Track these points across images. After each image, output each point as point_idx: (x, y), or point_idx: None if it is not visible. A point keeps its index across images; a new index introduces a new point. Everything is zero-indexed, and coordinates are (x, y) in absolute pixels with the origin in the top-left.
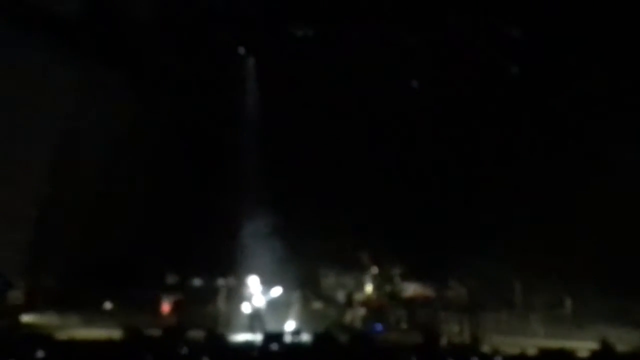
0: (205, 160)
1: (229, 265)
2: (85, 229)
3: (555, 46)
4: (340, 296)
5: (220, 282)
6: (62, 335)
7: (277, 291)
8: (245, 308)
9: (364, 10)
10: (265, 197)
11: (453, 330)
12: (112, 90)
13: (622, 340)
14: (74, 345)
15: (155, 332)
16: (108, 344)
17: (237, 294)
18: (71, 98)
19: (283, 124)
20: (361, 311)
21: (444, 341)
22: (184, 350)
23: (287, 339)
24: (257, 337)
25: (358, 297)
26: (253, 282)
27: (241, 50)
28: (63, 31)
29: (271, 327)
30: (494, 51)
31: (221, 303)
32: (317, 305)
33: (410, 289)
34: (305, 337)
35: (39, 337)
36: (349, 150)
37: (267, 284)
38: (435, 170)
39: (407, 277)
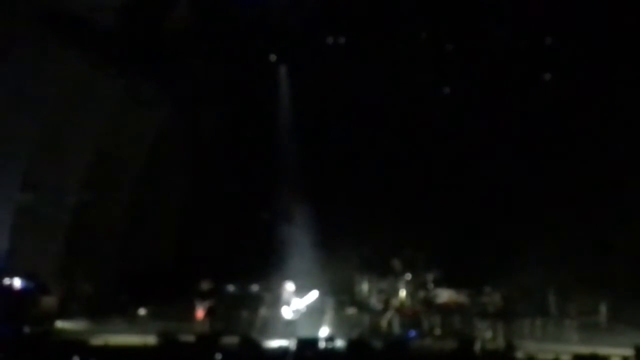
0: (239, 167)
1: (262, 272)
2: (120, 235)
3: (588, 53)
4: (374, 302)
5: (254, 288)
6: (97, 341)
7: (313, 295)
8: (286, 313)
9: (396, 18)
10: (299, 203)
11: (487, 337)
12: (147, 99)
13: None
14: (108, 351)
15: (189, 338)
16: (142, 350)
17: (270, 300)
18: (106, 107)
19: (316, 131)
20: (396, 318)
21: (477, 347)
22: (218, 356)
23: (321, 345)
24: (291, 344)
25: (393, 303)
26: (289, 288)
27: (273, 57)
28: (99, 42)
29: (305, 333)
30: (525, 58)
31: (254, 309)
32: (351, 311)
33: (444, 295)
34: (339, 344)
35: (73, 343)
36: (382, 156)
37: (301, 290)
38: (469, 177)
39: (440, 283)
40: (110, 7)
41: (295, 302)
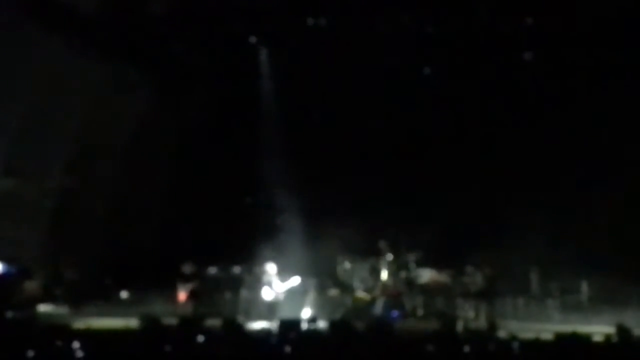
0: (222, 150)
1: (244, 254)
2: (102, 220)
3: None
4: (356, 284)
5: (236, 270)
6: (79, 325)
7: (295, 281)
8: (266, 295)
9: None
10: (281, 186)
11: (469, 317)
12: (130, 84)
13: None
14: (91, 335)
15: (172, 321)
16: (125, 333)
17: (253, 282)
18: (90, 92)
19: (298, 114)
20: (378, 298)
21: (460, 327)
22: (201, 339)
23: (304, 326)
24: (273, 325)
25: (375, 284)
26: (271, 270)
27: (253, 39)
28: (80, 27)
29: (287, 314)
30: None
31: (237, 291)
32: (333, 292)
33: (426, 276)
34: (322, 325)
35: (56, 327)
36: (365, 137)
37: (283, 272)
38: (452, 158)
39: (423, 263)
40: None
41: (277, 284)
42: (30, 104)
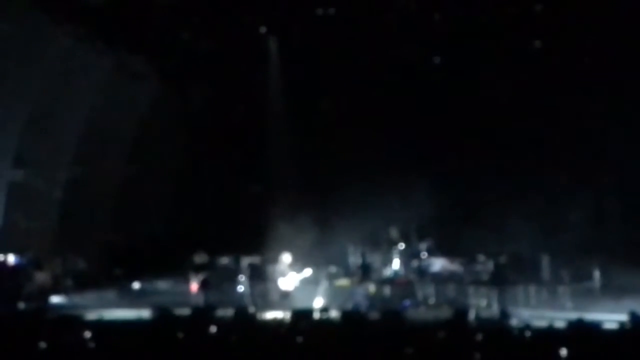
0: (233, 140)
1: (256, 244)
2: (113, 210)
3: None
4: (370, 273)
5: (247, 260)
6: (91, 316)
7: (307, 272)
8: (283, 284)
9: None
10: (293, 177)
11: (481, 305)
12: (139, 71)
13: None
14: (103, 325)
15: (184, 311)
16: (137, 323)
17: (265, 272)
18: (98, 83)
19: (307, 103)
20: (390, 287)
21: (472, 316)
22: (213, 329)
23: (316, 316)
24: (285, 315)
25: (385, 273)
26: (286, 259)
27: (263, 29)
28: (87, 16)
29: (299, 304)
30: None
31: (249, 281)
32: (345, 282)
33: (438, 264)
34: (334, 314)
35: (67, 318)
36: (374, 127)
37: (295, 262)
38: (462, 146)
39: (434, 252)
40: None
41: (291, 274)
42: (39, 96)
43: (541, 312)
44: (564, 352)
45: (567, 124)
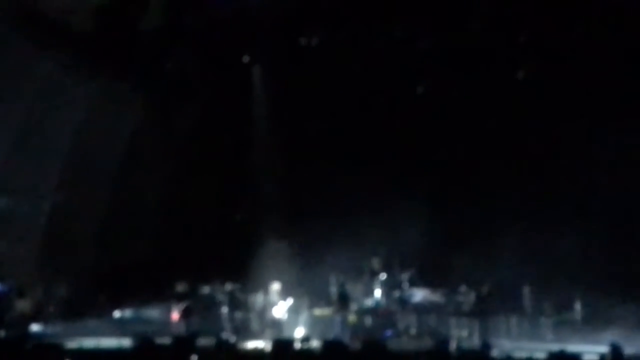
0: (215, 167)
1: (238, 273)
2: (96, 237)
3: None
4: (350, 303)
5: (229, 289)
6: (72, 344)
7: (289, 301)
8: (271, 314)
9: (369, 16)
10: (275, 205)
11: (463, 336)
12: (123, 98)
13: (632, 343)
14: (84, 353)
15: (166, 340)
16: (119, 352)
17: (247, 301)
18: (82, 108)
19: (291, 132)
20: (371, 318)
21: (453, 346)
22: (194, 358)
23: (297, 345)
24: (267, 345)
25: (367, 303)
26: (276, 288)
27: (246, 58)
28: (73, 42)
29: (281, 334)
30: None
31: (232, 310)
32: (325, 311)
33: (420, 295)
34: (315, 344)
35: (48, 346)
36: (358, 156)
37: (278, 291)
38: (444, 175)
39: (416, 282)
40: (84, 7)
41: (277, 303)
42: (22, 121)
43: (522, 343)
44: None
45: (552, 154)
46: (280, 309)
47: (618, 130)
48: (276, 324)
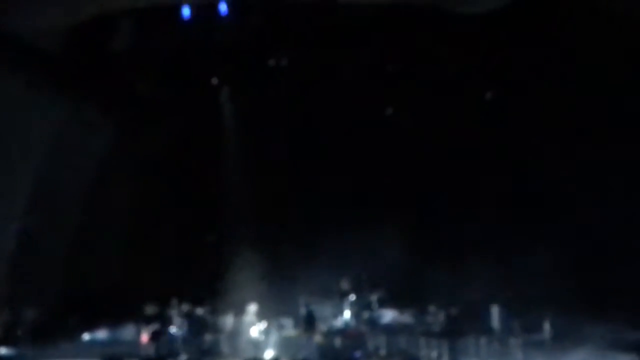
0: (185, 189)
1: (208, 295)
2: (65, 260)
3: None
4: (319, 324)
5: (198, 310)
6: None
7: (258, 324)
8: (246, 334)
9: (338, 39)
10: (244, 226)
11: (432, 356)
12: (92, 122)
13: None
14: None
15: None
16: None
17: (216, 323)
18: (50, 132)
19: (260, 153)
20: (340, 339)
21: None
22: None
23: None
24: None
25: (336, 324)
26: (252, 310)
27: (215, 80)
28: (41, 64)
29: (251, 355)
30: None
31: (200, 332)
32: (293, 332)
33: (389, 315)
34: None
35: None
36: (327, 176)
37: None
38: (413, 196)
39: (385, 303)
40: (52, 29)
41: (247, 324)
42: None
43: None
44: None
45: (521, 175)
46: (250, 331)
47: (590, 150)
48: (246, 345)
